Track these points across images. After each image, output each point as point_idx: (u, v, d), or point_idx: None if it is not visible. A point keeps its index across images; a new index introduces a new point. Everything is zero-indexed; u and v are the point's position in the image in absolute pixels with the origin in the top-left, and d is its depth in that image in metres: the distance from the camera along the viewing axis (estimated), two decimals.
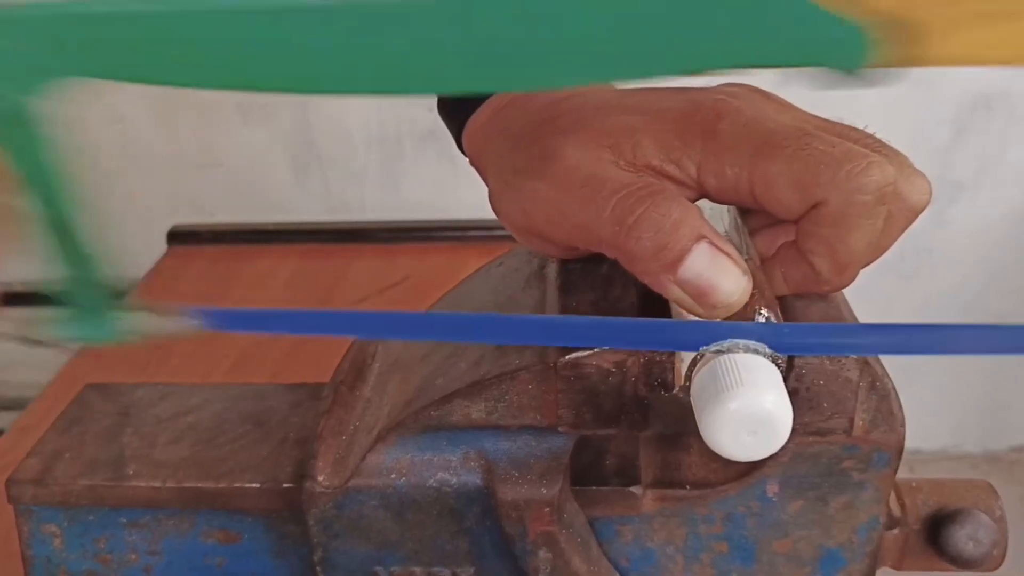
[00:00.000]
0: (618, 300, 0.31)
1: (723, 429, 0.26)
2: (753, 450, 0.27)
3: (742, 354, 0.27)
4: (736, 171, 0.29)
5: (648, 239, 0.27)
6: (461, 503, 0.32)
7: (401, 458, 0.32)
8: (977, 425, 1.28)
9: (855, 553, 0.32)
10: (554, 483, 0.31)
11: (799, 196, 0.28)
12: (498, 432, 0.32)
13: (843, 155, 0.28)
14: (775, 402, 0.26)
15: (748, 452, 0.27)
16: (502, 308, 0.35)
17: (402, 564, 0.33)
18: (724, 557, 0.33)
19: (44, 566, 0.36)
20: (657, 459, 0.32)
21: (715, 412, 0.26)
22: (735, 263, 0.27)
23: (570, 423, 0.31)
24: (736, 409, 0.26)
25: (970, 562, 0.34)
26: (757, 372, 0.27)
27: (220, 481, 0.34)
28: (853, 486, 0.31)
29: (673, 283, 0.27)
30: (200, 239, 0.89)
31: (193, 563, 0.35)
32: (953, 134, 1.04)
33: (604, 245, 0.29)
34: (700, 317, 0.28)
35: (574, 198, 0.30)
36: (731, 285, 0.27)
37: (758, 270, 0.30)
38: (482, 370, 0.32)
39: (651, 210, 0.27)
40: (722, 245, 0.27)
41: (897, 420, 0.30)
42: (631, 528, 0.33)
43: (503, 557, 0.33)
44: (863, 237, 0.28)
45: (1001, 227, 1.11)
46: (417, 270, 0.81)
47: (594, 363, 0.30)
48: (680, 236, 0.27)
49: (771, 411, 0.26)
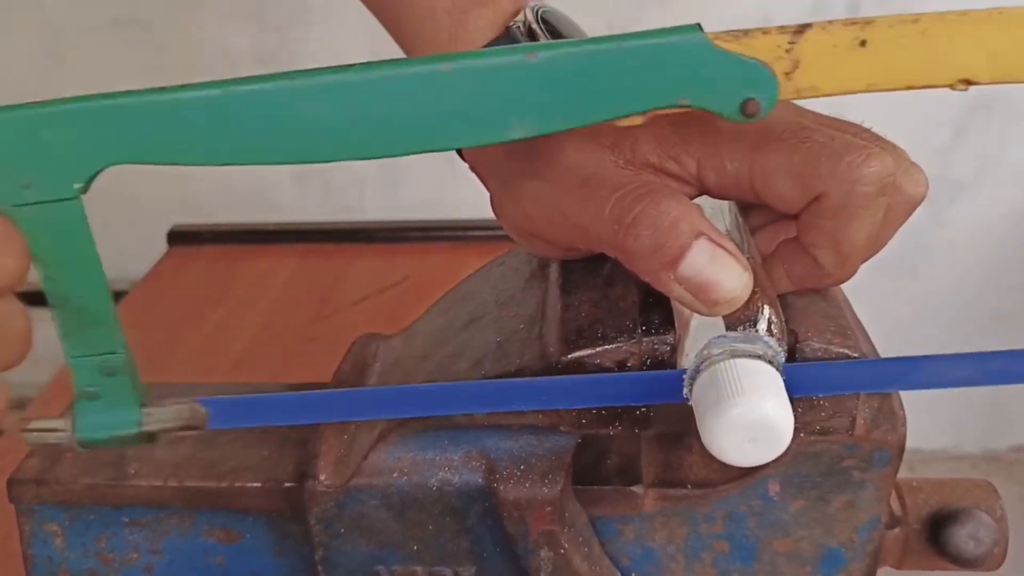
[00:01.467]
0: (620, 299, 0.31)
1: (724, 436, 0.26)
2: (754, 456, 0.27)
3: (743, 359, 0.27)
4: (736, 165, 0.29)
5: (647, 237, 0.27)
6: (463, 502, 0.32)
7: (403, 457, 0.32)
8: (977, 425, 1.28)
9: (856, 552, 0.32)
10: (556, 482, 0.31)
11: (800, 189, 0.28)
12: (500, 431, 0.32)
13: (843, 147, 0.28)
14: (776, 409, 0.26)
15: (749, 458, 0.27)
16: (503, 307, 0.35)
17: (404, 563, 0.33)
18: (725, 556, 0.33)
19: (45, 565, 0.36)
20: (659, 458, 0.32)
21: (716, 419, 0.26)
22: (735, 259, 0.27)
23: (572, 423, 0.31)
24: (737, 416, 0.26)
25: (971, 561, 0.34)
26: (758, 378, 0.27)
27: (221, 480, 0.34)
28: (854, 485, 0.31)
29: (674, 281, 0.27)
30: (200, 239, 0.88)
31: (194, 562, 0.35)
32: (953, 134, 1.04)
33: (604, 244, 0.29)
34: (702, 315, 0.28)
35: (573, 198, 0.30)
36: (732, 281, 0.27)
37: (760, 268, 0.30)
38: (483, 369, 0.32)
39: (649, 208, 0.27)
40: (722, 241, 0.27)
41: (898, 419, 0.30)
42: (632, 527, 0.33)
43: (505, 556, 0.33)
44: (864, 228, 0.28)
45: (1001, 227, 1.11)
46: (417, 270, 0.81)
47: (596, 362, 0.30)
48: (679, 233, 0.27)
49: (772, 418, 0.26)
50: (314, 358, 0.68)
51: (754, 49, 0.24)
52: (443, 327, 0.37)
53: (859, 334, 0.31)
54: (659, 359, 0.30)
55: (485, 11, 0.33)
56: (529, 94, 0.25)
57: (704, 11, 0.91)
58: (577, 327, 0.31)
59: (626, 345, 0.30)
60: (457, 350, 0.34)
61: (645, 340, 0.30)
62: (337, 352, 0.39)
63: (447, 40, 0.34)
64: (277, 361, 0.69)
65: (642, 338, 0.30)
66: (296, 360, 0.68)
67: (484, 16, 0.33)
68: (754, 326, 0.28)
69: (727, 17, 0.90)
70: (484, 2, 0.33)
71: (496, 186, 0.34)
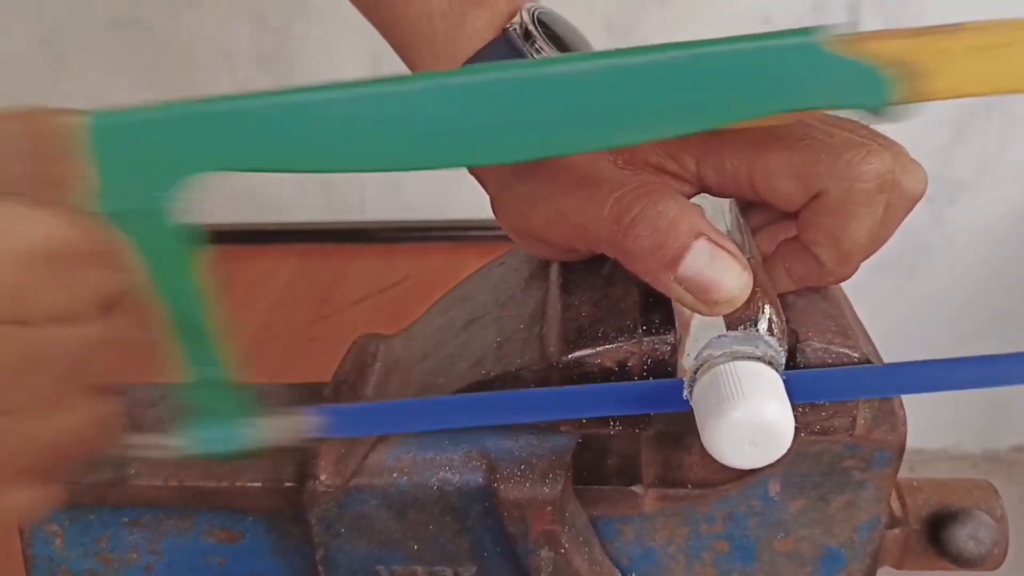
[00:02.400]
0: (620, 299, 0.31)
1: (725, 439, 0.26)
2: (754, 459, 0.27)
3: (744, 362, 0.27)
4: (736, 164, 0.29)
5: (646, 237, 0.27)
6: (463, 502, 0.32)
7: (403, 457, 0.32)
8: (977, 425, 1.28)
9: (856, 552, 0.32)
10: (556, 482, 0.31)
11: (800, 186, 0.28)
12: (500, 431, 0.32)
13: (842, 144, 0.28)
14: (777, 412, 0.26)
15: (749, 461, 0.27)
16: (503, 308, 0.35)
17: (404, 563, 0.33)
18: (725, 556, 0.33)
19: (45, 565, 0.36)
20: (659, 458, 0.32)
21: (717, 422, 0.26)
22: (735, 259, 0.27)
23: (572, 423, 0.31)
24: (738, 419, 0.26)
25: (971, 561, 0.34)
26: (759, 381, 0.27)
27: (221, 480, 0.34)
28: (854, 485, 0.31)
29: (674, 281, 0.27)
30: None
31: (194, 562, 0.35)
32: (953, 134, 1.04)
33: (603, 245, 0.29)
34: (702, 315, 0.28)
35: (572, 199, 0.30)
36: (732, 281, 0.27)
37: (760, 267, 0.30)
38: (483, 369, 0.32)
39: (648, 208, 0.27)
40: (721, 241, 0.27)
41: (898, 419, 0.30)
42: (633, 527, 0.33)
43: (505, 556, 0.33)
44: (864, 225, 0.28)
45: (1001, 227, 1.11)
46: (417, 270, 0.81)
47: (596, 362, 0.30)
48: (678, 233, 0.27)
49: (773, 421, 0.26)
50: (314, 358, 0.68)
51: (873, 53, 0.23)
52: (443, 327, 0.37)
53: (859, 334, 0.31)
54: (659, 359, 0.30)
55: (482, 13, 0.33)
56: (634, 100, 0.24)
57: (704, 11, 0.91)
58: (577, 327, 0.31)
59: (626, 345, 0.30)
60: (457, 350, 0.34)
61: (645, 340, 0.30)
62: (337, 352, 0.39)
63: (444, 43, 0.34)
64: (277, 361, 0.69)
65: (642, 338, 0.30)
66: (296, 360, 0.68)
67: (481, 18, 0.33)
68: (754, 326, 0.28)
69: (727, 17, 0.90)
70: (480, 4, 0.33)
71: (495, 187, 0.34)
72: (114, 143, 0.24)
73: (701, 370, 0.28)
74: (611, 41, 0.90)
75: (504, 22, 0.34)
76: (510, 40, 0.33)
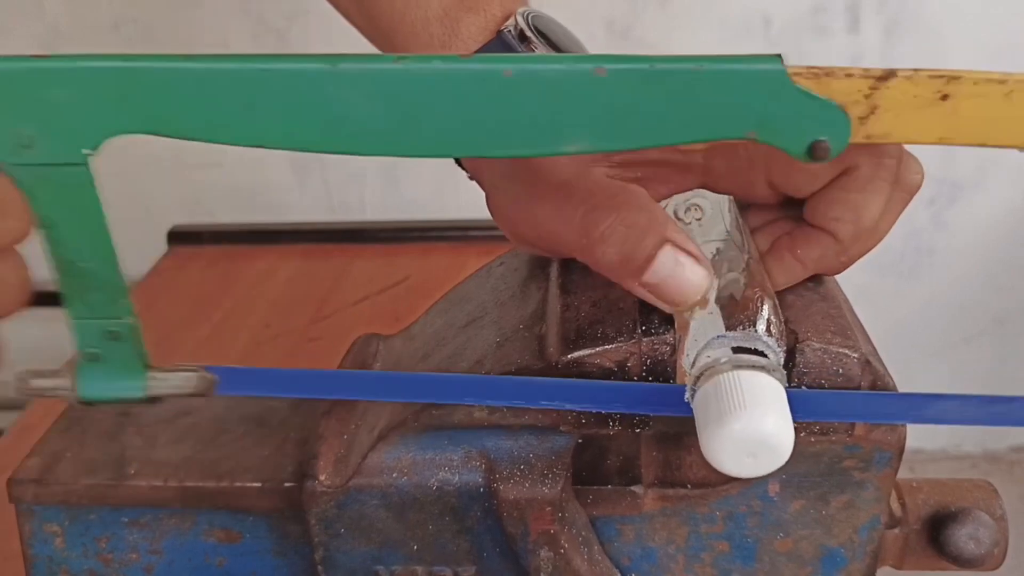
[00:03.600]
0: (619, 299, 0.31)
1: (724, 449, 0.26)
2: (752, 470, 0.27)
3: (747, 371, 0.27)
4: (752, 147, 0.29)
5: (614, 252, 0.28)
6: (462, 502, 0.32)
7: (402, 457, 0.32)
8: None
9: (856, 552, 0.32)
10: (556, 482, 0.31)
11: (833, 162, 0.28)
12: (500, 431, 0.32)
13: None
14: (777, 426, 0.26)
15: (747, 471, 0.27)
16: (503, 308, 0.35)
17: (403, 563, 0.33)
18: (725, 556, 0.33)
19: (46, 565, 0.36)
20: (658, 458, 0.32)
21: (717, 432, 0.26)
22: (697, 261, 0.28)
23: (571, 422, 0.31)
24: (738, 431, 0.26)
25: (971, 561, 0.34)
26: (761, 393, 0.27)
27: (221, 480, 0.34)
28: (854, 485, 0.31)
29: (638, 285, 0.28)
30: (200, 239, 0.88)
31: (194, 562, 0.35)
32: None
33: (574, 253, 0.30)
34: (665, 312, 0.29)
35: (545, 206, 0.30)
36: (691, 286, 0.28)
37: (759, 267, 0.30)
38: (483, 369, 0.32)
39: (616, 224, 0.28)
40: (685, 245, 0.28)
41: None
42: (632, 527, 0.33)
43: (504, 556, 0.33)
44: (881, 204, 0.30)
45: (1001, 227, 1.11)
46: (417, 270, 0.81)
47: (596, 362, 0.30)
48: (645, 245, 0.28)
49: (772, 434, 0.26)
50: (314, 358, 0.68)
51: (832, 90, 0.23)
52: (443, 327, 0.37)
53: (859, 334, 0.31)
54: (658, 359, 0.30)
55: (476, 18, 0.34)
56: (591, 109, 0.23)
57: (704, 11, 0.91)
58: (577, 327, 0.31)
59: (626, 345, 0.30)
60: (457, 350, 0.34)
61: (645, 340, 0.30)
62: (337, 352, 0.39)
63: (440, 48, 0.34)
64: (277, 361, 0.69)
65: (642, 338, 0.30)
66: (296, 360, 0.68)
67: (475, 23, 0.34)
68: (753, 326, 0.28)
69: (727, 17, 0.90)
70: (474, 9, 0.34)
71: (488, 187, 0.34)
72: (14, 92, 0.23)
73: (704, 376, 0.28)
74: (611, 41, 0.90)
75: (498, 25, 0.34)
76: (505, 42, 0.33)
